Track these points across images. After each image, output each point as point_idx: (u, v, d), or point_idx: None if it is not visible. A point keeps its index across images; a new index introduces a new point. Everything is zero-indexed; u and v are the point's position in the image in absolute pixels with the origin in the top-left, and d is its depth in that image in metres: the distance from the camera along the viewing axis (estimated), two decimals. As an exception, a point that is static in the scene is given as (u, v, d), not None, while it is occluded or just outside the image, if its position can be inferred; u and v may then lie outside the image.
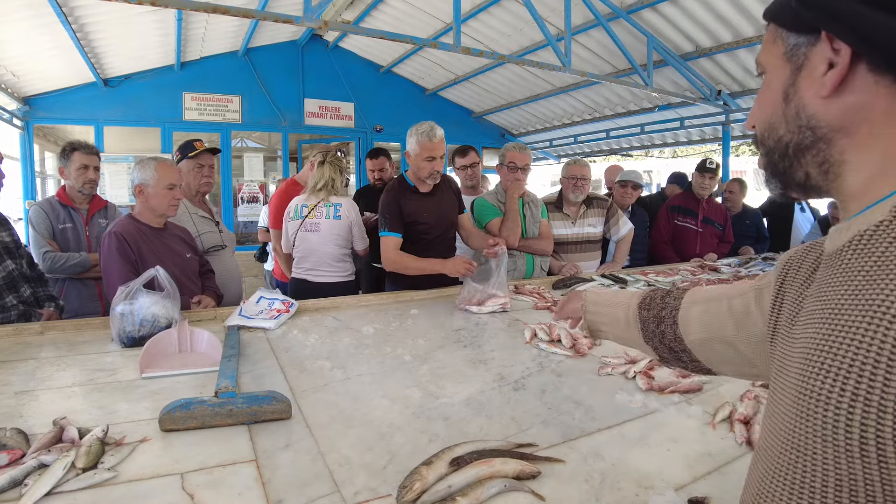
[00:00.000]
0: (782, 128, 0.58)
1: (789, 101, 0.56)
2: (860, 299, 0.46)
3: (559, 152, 9.44)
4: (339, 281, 2.94)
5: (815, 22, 0.53)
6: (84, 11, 4.35)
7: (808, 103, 0.54)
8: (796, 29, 0.56)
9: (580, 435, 1.20)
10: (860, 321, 0.45)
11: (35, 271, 2.34)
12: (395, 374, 1.56)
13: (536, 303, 2.46)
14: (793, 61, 0.56)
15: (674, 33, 4.92)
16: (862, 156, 0.52)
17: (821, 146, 0.54)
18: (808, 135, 0.55)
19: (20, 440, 1.07)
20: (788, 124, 0.57)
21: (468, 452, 1.03)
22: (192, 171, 2.76)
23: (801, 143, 0.56)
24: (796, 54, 0.56)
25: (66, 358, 1.65)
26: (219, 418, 1.17)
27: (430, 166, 2.55)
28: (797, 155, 0.57)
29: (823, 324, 0.49)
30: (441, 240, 2.75)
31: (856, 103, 0.51)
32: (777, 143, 0.59)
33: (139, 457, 1.06)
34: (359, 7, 5.88)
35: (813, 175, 0.56)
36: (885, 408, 0.41)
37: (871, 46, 0.49)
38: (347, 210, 2.93)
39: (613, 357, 1.68)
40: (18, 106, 5.71)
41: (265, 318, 2.03)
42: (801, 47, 0.55)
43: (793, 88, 0.56)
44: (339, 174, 2.97)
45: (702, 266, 3.61)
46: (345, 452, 1.10)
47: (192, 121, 6.68)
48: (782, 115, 0.57)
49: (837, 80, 0.51)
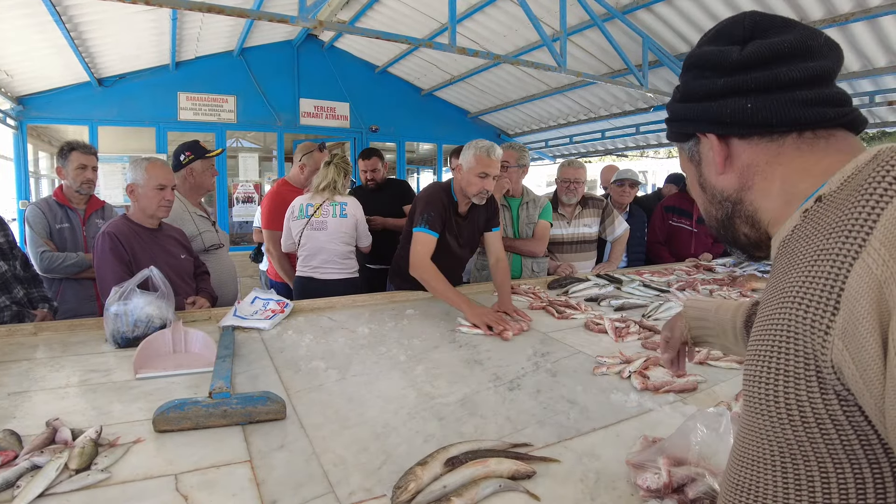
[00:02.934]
0: (713, 209, 0.73)
1: (705, 188, 0.73)
2: (777, 290, 0.57)
3: (555, 152, 9.45)
4: (346, 277, 3.01)
5: (689, 130, 0.71)
6: (78, 11, 4.32)
7: (715, 183, 0.70)
8: (682, 140, 0.74)
9: (575, 435, 1.20)
10: (777, 307, 0.55)
11: (29, 272, 2.33)
12: (390, 375, 1.56)
13: (532, 303, 2.46)
14: (693, 160, 0.74)
15: (669, 33, 4.93)
16: (766, 197, 0.65)
17: (738, 208, 0.69)
18: (727, 205, 0.70)
19: (13, 441, 1.07)
20: (714, 205, 0.72)
21: (463, 452, 1.03)
22: (205, 172, 2.78)
23: (727, 213, 0.71)
24: (693, 155, 0.73)
25: (60, 359, 1.64)
26: (213, 419, 1.17)
27: (480, 183, 2.39)
28: (731, 223, 0.71)
29: (759, 315, 0.59)
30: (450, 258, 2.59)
31: (744, 165, 0.66)
32: (717, 222, 0.73)
33: (133, 458, 1.06)
34: (354, 7, 5.87)
35: (748, 232, 0.70)
36: (798, 377, 0.52)
37: (724, 127, 0.65)
38: (353, 208, 3.02)
39: (609, 357, 1.68)
40: (12, 105, 5.66)
41: (260, 318, 2.03)
42: (692, 149, 0.73)
43: (702, 178, 0.73)
44: (343, 176, 3.03)
45: (696, 266, 3.62)
46: (339, 453, 1.10)
47: (187, 121, 6.65)
48: (707, 201, 0.74)
49: (721, 159, 0.67)
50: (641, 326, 2.07)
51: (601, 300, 2.54)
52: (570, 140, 8.36)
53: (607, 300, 2.51)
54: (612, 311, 2.37)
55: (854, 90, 4.78)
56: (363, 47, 7.32)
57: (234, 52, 6.75)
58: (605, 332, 2.01)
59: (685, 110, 0.70)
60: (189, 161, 2.71)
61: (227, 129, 6.99)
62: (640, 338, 1.94)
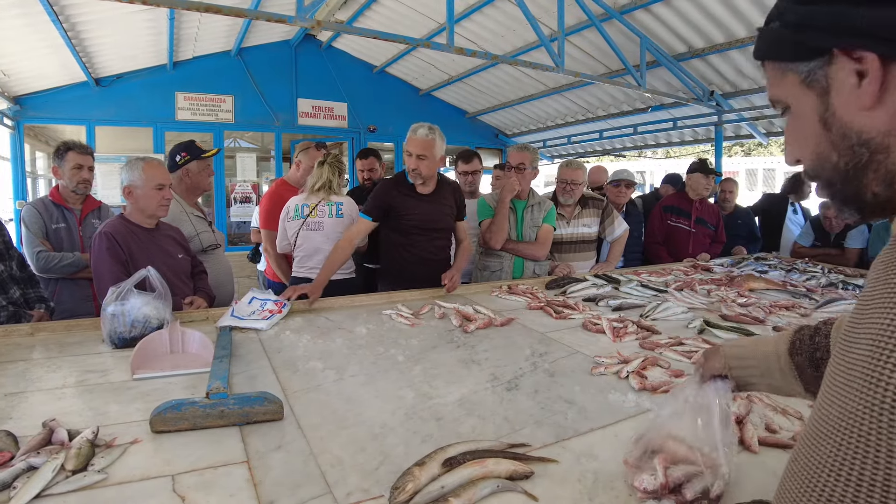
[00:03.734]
0: (834, 154, 0.55)
1: (830, 126, 0.54)
2: None
3: (553, 153, 9.46)
4: (343, 278, 3.00)
5: (823, 44, 0.52)
6: (75, 10, 4.32)
7: (852, 121, 0.52)
8: (802, 57, 0.54)
9: (573, 435, 1.20)
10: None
11: (26, 272, 2.32)
12: (388, 375, 1.56)
13: (530, 303, 2.46)
14: (814, 87, 0.54)
15: (667, 34, 4.95)
16: None
17: (878, 158, 0.52)
18: (862, 152, 0.52)
19: (9, 442, 1.06)
20: (839, 149, 0.54)
21: (461, 453, 1.03)
22: (202, 172, 2.77)
23: (859, 163, 0.53)
24: (815, 79, 0.54)
25: (57, 359, 1.63)
26: (210, 419, 1.16)
27: (407, 162, 2.64)
28: (858, 176, 0.54)
29: (863, 309, 0.46)
30: (432, 240, 2.79)
31: None
32: (834, 171, 0.56)
33: (130, 458, 1.05)
34: (352, 7, 5.87)
35: (879, 191, 0.53)
36: None
37: (891, 45, 0.47)
38: (349, 208, 3.02)
39: (607, 357, 1.69)
40: (9, 105, 5.65)
41: (257, 318, 2.02)
42: (815, 72, 0.53)
43: (829, 113, 0.54)
44: (338, 175, 3.03)
45: (694, 266, 3.63)
46: (337, 453, 1.10)
47: (185, 121, 6.64)
48: (829, 143, 0.55)
49: (876, 87, 0.49)
50: (639, 326, 2.07)
51: (599, 300, 2.54)
52: (568, 140, 8.37)
53: (605, 300, 2.52)
54: (609, 311, 2.37)
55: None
56: (361, 47, 7.32)
57: (232, 52, 6.75)
58: (602, 332, 2.01)
59: (822, 14, 0.51)
60: (185, 161, 2.71)
61: (225, 129, 6.99)
62: (638, 338, 1.94)
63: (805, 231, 4.61)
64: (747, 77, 5.24)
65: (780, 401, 1.39)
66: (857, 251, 4.18)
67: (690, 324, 2.15)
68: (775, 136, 6.45)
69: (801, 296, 2.73)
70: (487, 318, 2.13)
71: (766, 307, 2.43)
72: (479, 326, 2.04)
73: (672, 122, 6.63)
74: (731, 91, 5.58)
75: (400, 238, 2.74)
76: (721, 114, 5.88)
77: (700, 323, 2.10)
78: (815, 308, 2.50)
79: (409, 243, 2.73)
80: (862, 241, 4.17)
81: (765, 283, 2.98)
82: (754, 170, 16.33)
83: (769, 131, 6.30)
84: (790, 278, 3.24)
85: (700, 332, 2.05)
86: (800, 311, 2.41)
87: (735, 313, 2.28)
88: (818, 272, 3.44)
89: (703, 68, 5.34)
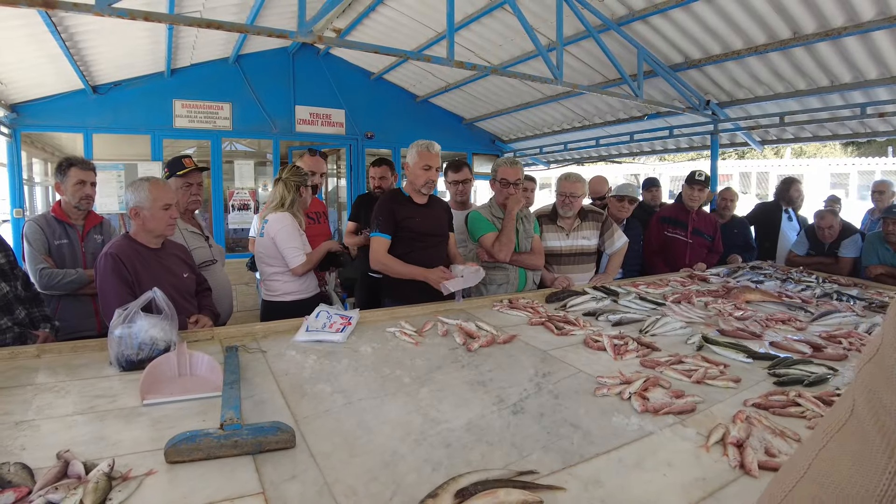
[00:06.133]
0: None
1: None
2: None
3: (549, 159, 9.51)
4: (271, 301, 2.90)
5: None
6: (73, 20, 4.31)
7: None
8: None
9: (579, 461, 1.23)
10: None
11: (30, 292, 2.33)
12: (396, 398, 1.58)
13: (531, 318, 2.49)
14: None
15: (664, 45, 4.99)
16: None
17: None
18: None
19: (25, 476, 1.08)
20: None
21: (472, 483, 1.06)
22: (180, 189, 2.78)
23: None
24: None
25: (65, 383, 1.64)
26: (224, 449, 1.18)
27: (426, 175, 2.79)
28: None
29: None
30: (432, 248, 2.88)
31: None
32: None
33: (146, 491, 1.07)
34: (350, 15, 5.89)
35: None
36: None
37: None
38: (271, 226, 2.79)
39: (609, 377, 1.71)
40: (6, 113, 5.64)
41: (331, 331, 2.12)
42: None
43: None
44: (292, 191, 2.87)
45: (691, 276, 3.67)
46: (350, 483, 1.12)
47: (183, 128, 6.64)
48: None
49: None
50: (639, 343, 2.10)
51: (599, 314, 2.57)
52: (565, 147, 8.41)
53: (605, 315, 2.55)
54: (610, 326, 2.40)
55: (846, 101, 4.86)
56: (358, 54, 7.34)
57: (230, 60, 6.75)
58: (603, 349, 2.04)
59: None
60: (166, 178, 2.73)
61: (223, 136, 6.99)
62: (639, 355, 1.97)
63: (800, 240, 4.67)
64: (743, 87, 5.30)
65: (779, 422, 1.43)
66: (850, 260, 4.23)
67: (689, 339, 2.18)
68: (770, 144, 6.52)
69: (796, 308, 2.77)
70: (490, 336, 2.16)
71: (763, 321, 2.46)
72: (482, 345, 2.07)
73: (668, 130, 6.68)
74: (726, 100, 5.63)
75: (401, 248, 2.81)
76: (717, 122, 5.93)
77: (699, 339, 2.13)
78: (811, 321, 2.55)
79: (410, 251, 2.80)
80: (855, 250, 4.23)
81: (761, 294, 3.02)
82: (748, 173, 16.47)
83: (764, 139, 6.36)
84: (786, 288, 3.28)
85: (699, 348, 2.08)
86: (795, 324, 2.45)
87: (732, 328, 2.31)
88: (813, 282, 3.49)
89: (700, 78, 5.39)
